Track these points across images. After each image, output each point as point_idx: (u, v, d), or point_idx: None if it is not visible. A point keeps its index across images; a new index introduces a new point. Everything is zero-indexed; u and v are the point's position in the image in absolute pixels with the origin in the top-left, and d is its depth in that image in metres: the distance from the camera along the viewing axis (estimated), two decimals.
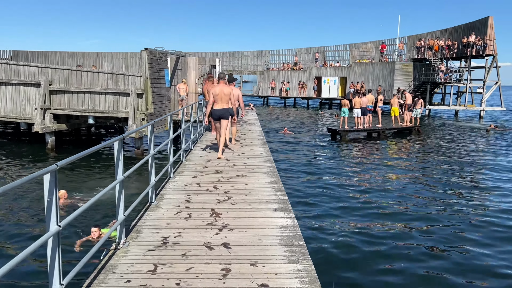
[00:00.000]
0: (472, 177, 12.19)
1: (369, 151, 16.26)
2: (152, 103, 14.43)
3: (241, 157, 8.50)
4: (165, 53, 15.85)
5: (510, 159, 15.07)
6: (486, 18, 30.79)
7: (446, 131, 23.05)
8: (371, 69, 37.76)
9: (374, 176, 11.83)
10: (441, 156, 15.42)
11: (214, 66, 18.31)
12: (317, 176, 11.60)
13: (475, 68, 32.94)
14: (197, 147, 9.65)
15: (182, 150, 7.84)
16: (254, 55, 48.77)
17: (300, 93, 42.88)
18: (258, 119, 17.45)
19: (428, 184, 11.12)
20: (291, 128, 21.89)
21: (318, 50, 45.73)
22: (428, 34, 37.06)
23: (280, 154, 14.37)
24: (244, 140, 10.94)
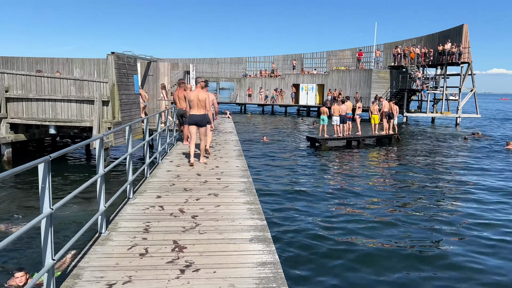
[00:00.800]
0: (450, 185, 11.69)
1: (349, 161, 15.65)
2: (119, 111, 13.39)
3: (214, 171, 7.63)
4: (135, 58, 14.85)
5: (490, 166, 14.75)
6: (461, 26, 31.07)
7: (425, 139, 22.79)
8: (348, 77, 37.59)
9: (355, 188, 11.15)
10: (421, 164, 14.96)
11: (188, 72, 17.40)
12: (296, 190, 10.81)
13: (450, 76, 33.16)
14: (165, 160, 8.72)
15: (146, 164, 6.90)
16: (231, 62, 48.05)
17: (277, 100, 42.32)
18: (234, 127, 16.63)
19: (409, 192, 10.53)
20: (271, 137, 21.12)
21: (295, 57, 45.42)
22: (404, 42, 37.24)
23: (258, 166, 13.53)
24: (219, 151, 10.07)
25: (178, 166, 8.02)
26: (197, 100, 8.12)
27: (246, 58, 47.62)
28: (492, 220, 8.61)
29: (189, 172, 7.47)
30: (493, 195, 10.80)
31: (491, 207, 9.63)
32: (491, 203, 9.97)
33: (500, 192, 11.17)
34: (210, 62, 48.70)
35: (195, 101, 8.13)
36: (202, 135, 8.36)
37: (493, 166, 14.84)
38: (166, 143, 9.58)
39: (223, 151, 10.13)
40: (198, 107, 8.14)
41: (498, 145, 20.29)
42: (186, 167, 7.97)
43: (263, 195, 9.87)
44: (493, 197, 10.50)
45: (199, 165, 8.19)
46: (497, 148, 19.24)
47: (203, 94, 8.19)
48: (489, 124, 35.04)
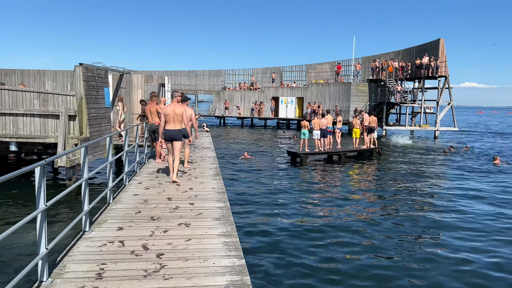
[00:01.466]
0: (431, 198, 11.25)
1: (331, 176, 15.10)
2: (88, 126, 12.48)
3: (187, 194, 6.86)
4: (105, 69, 14.00)
5: (471, 181, 14.47)
6: (438, 40, 31.42)
7: (405, 152, 22.56)
8: (327, 90, 37.49)
9: (341, 209, 10.55)
10: (402, 178, 14.55)
11: (163, 85, 16.62)
12: (277, 212, 10.13)
13: (428, 89, 33.40)
14: (133, 181, 7.90)
15: (109, 189, 6.09)
16: (210, 74, 47.45)
17: (256, 113, 41.83)
18: (212, 142, 15.88)
19: (393, 208, 10.01)
20: (252, 152, 20.39)
21: (274, 71, 45.20)
22: (382, 56, 37.49)
23: (236, 186, 12.70)
24: (194, 170, 9.31)
25: (147, 189, 7.22)
26: (173, 114, 7.79)
27: (225, 70, 47.12)
28: (477, 240, 8.14)
29: (159, 196, 6.68)
30: (481, 214, 10.39)
31: (476, 225, 9.17)
32: (476, 220, 9.53)
33: (488, 211, 10.78)
34: (189, 74, 47.95)
35: (171, 115, 7.79)
36: (175, 151, 7.88)
37: (481, 183, 14.55)
38: (136, 161, 8.76)
39: (198, 169, 9.37)
40: (175, 121, 7.83)
41: (485, 159, 20.14)
42: (156, 189, 7.19)
43: (242, 218, 9.16)
44: (480, 215, 10.07)
45: (171, 187, 7.41)
46: (483, 163, 19.02)
47: (179, 108, 7.90)
48: (469, 136, 35.37)
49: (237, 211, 9.47)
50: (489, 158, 20.56)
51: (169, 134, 7.89)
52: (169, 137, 7.91)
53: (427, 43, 32.87)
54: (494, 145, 28.10)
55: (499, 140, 33.05)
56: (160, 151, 10.36)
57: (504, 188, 13.41)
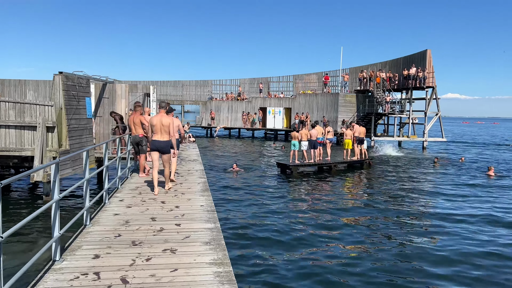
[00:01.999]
0: (427, 216, 10.84)
1: (322, 189, 14.62)
2: (67, 138, 11.79)
3: (173, 213, 6.27)
4: (87, 78, 13.36)
5: (461, 191, 14.20)
6: (425, 51, 31.54)
7: (395, 164, 22.28)
8: (315, 100, 37.28)
9: (334, 227, 10.05)
10: (395, 193, 14.15)
11: (148, 95, 16.01)
12: (271, 235, 9.58)
13: (416, 100, 33.44)
14: (114, 198, 7.26)
15: (85, 209, 5.47)
16: (197, 84, 46.94)
17: (244, 124, 41.35)
18: (199, 154, 15.28)
19: (387, 223, 9.55)
20: (241, 164, 19.72)
21: (262, 81, 44.91)
22: (370, 66, 37.52)
23: (226, 202, 11.94)
24: (181, 185, 8.70)
25: (129, 207, 6.59)
26: (160, 125, 7.66)
27: (212, 81, 46.67)
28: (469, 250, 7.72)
29: (142, 216, 6.07)
30: (474, 225, 10.01)
31: (472, 240, 8.77)
32: (471, 235, 9.13)
33: (483, 221, 10.41)
34: (175, 84, 47.35)
35: (158, 126, 7.67)
36: (165, 162, 7.82)
37: (476, 194, 14.24)
38: (117, 177, 8.12)
39: (185, 184, 8.77)
40: (162, 132, 7.69)
41: (479, 171, 19.80)
42: (139, 208, 6.57)
43: (234, 240, 8.58)
44: (473, 227, 9.68)
45: (155, 205, 6.80)
46: (477, 174, 18.72)
47: (166, 118, 7.74)
48: (459, 147, 35.39)
49: (229, 232, 8.87)
50: (484, 169, 20.27)
51: (156, 144, 7.73)
52: (156, 148, 7.73)
53: (414, 54, 32.99)
54: (485, 156, 28.09)
55: (489, 151, 33.12)
56: (144, 165, 9.74)
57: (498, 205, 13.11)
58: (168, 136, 7.75)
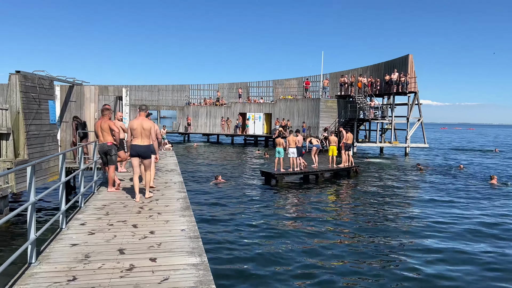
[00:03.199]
0: (420, 227, 9.93)
1: (311, 201, 13.55)
2: (26, 146, 10.30)
3: (147, 242, 5.02)
4: (50, 79, 11.90)
5: (454, 200, 13.40)
6: (406, 56, 31.19)
7: (382, 171, 21.51)
8: (296, 106, 36.43)
9: (330, 245, 8.97)
10: (385, 203, 13.25)
11: (120, 98, 14.59)
12: (269, 271, 8.40)
13: (397, 105, 33.04)
14: (75, 221, 5.93)
15: (30, 242, 4.15)
16: (173, 89, 45.42)
17: (223, 130, 40.09)
18: (177, 163, 13.97)
19: (380, 235, 8.56)
20: (224, 175, 18.15)
21: (241, 86, 43.81)
22: (350, 71, 37.02)
23: (211, 222, 10.30)
24: (157, 201, 7.43)
25: (91, 234, 5.30)
26: (141, 129, 7.40)
27: (189, 85, 45.26)
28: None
29: (107, 247, 4.80)
30: (480, 238, 9.13)
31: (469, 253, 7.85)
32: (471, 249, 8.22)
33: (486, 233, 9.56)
34: (150, 89, 45.68)
35: (139, 130, 7.39)
36: (147, 168, 7.60)
37: (486, 205, 13.47)
38: (80, 193, 6.78)
39: (162, 201, 7.50)
40: (142, 136, 7.43)
41: (479, 179, 18.94)
42: (105, 234, 5.29)
43: (223, 273, 7.35)
44: (479, 241, 8.80)
45: (125, 229, 5.53)
46: (479, 183, 17.81)
47: (147, 122, 7.51)
48: (443, 154, 35.12)
49: (218, 269, 7.56)
50: (485, 177, 19.49)
51: (137, 149, 7.42)
52: (136, 153, 7.44)
53: (396, 59, 32.63)
54: (475, 163, 27.78)
55: (478, 157, 32.93)
56: (114, 178, 8.42)
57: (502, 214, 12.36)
58: (149, 140, 7.48)
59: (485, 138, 73.66)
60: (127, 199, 7.51)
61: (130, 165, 12.46)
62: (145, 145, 7.44)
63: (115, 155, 8.45)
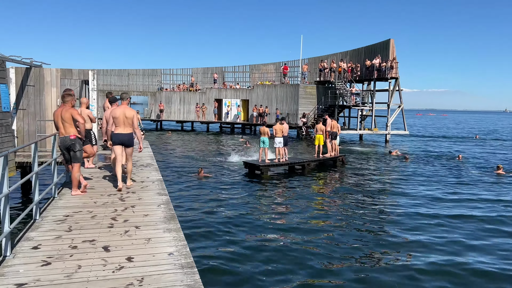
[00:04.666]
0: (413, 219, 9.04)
1: (299, 193, 12.46)
2: None
3: (123, 275, 3.69)
4: (2, 59, 10.11)
5: (441, 189, 12.65)
6: (388, 40, 30.41)
7: (367, 160, 20.71)
8: (274, 92, 35.21)
9: (328, 247, 7.89)
10: (373, 194, 12.35)
11: (86, 82, 12.88)
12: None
13: (377, 92, 32.34)
14: (24, 243, 4.48)
15: (5, 235, 2.74)
16: (144, 74, 43.16)
17: (198, 117, 38.43)
18: (153, 155, 12.49)
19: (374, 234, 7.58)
20: (206, 167, 16.39)
21: (216, 71, 42.07)
22: (329, 56, 36.01)
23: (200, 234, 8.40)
24: (133, 208, 6.06)
25: (46, 264, 3.90)
26: (123, 117, 7.34)
27: (161, 70, 43.11)
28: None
29: (68, 287, 3.44)
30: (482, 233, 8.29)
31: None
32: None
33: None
34: (119, 73, 43.24)
35: (121, 118, 7.34)
36: (129, 156, 7.53)
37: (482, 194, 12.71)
38: (34, 203, 5.32)
39: (140, 207, 6.13)
40: (125, 125, 7.38)
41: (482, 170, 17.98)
42: (65, 264, 3.91)
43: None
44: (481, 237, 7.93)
45: (94, 256, 4.16)
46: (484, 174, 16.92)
47: (130, 110, 7.49)
48: (423, 141, 34.81)
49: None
50: (483, 167, 18.76)
51: (120, 138, 7.35)
52: (120, 141, 7.36)
53: (376, 44, 31.81)
54: (464, 151, 27.47)
55: (462, 145, 32.75)
56: (79, 178, 6.95)
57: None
58: (131, 128, 7.44)
59: (459, 125, 74.92)
60: (96, 206, 6.10)
61: (100, 159, 10.96)
62: (128, 133, 7.38)
63: (80, 150, 6.97)
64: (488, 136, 43.15)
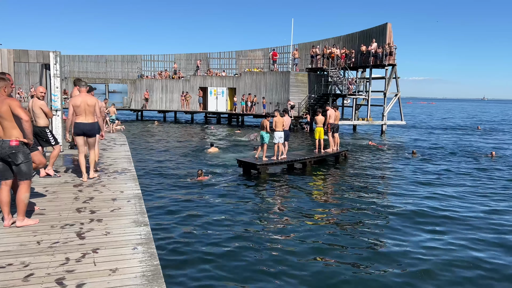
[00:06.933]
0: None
1: (302, 199, 10.51)
2: None
3: None
4: None
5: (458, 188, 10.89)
6: (385, 24, 28.55)
7: (370, 154, 18.90)
8: (263, 80, 33.06)
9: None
10: (382, 194, 10.49)
11: (47, 66, 10.49)
12: None
13: (373, 79, 30.55)
14: None
15: None
16: (123, 60, 40.34)
17: (183, 106, 36.03)
18: (130, 155, 10.25)
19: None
20: (212, 171, 13.55)
21: (200, 57, 39.57)
22: (321, 42, 33.96)
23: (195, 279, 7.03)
24: (95, 255, 3.96)
25: None
26: (85, 106, 7.03)
27: (142, 56, 40.36)
28: None
29: None
30: None
31: None
32: None
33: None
34: (97, 59, 40.31)
35: (83, 107, 7.03)
36: (92, 146, 7.24)
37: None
38: None
39: (104, 250, 4.03)
40: (87, 114, 7.09)
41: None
42: None
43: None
44: None
45: None
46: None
47: (91, 98, 7.17)
48: (422, 132, 33.18)
49: None
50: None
51: (82, 128, 7.08)
52: (82, 131, 7.09)
53: (372, 28, 29.90)
54: (477, 145, 25.92)
55: (472, 137, 30.92)
56: (25, 203, 4.77)
57: None
58: (93, 117, 7.21)
59: (451, 114, 73.96)
60: (39, 251, 3.97)
61: (65, 162, 8.71)
62: (90, 122, 7.14)
63: (27, 162, 4.80)
64: (488, 126, 39.90)
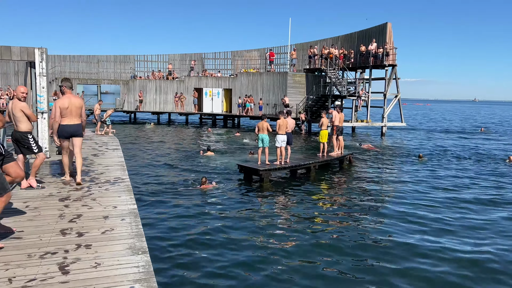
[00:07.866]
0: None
1: (308, 210, 9.72)
2: None
3: None
4: None
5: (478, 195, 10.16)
6: (385, 24, 27.91)
7: (376, 159, 18.17)
8: (259, 81, 32.25)
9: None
10: (393, 203, 9.73)
11: (32, 64, 9.57)
12: None
13: (372, 80, 29.89)
14: None
15: None
16: (116, 60, 39.32)
17: (177, 107, 35.11)
18: (124, 165, 9.31)
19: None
20: (211, 178, 12.59)
21: (195, 58, 38.67)
22: (319, 42, 33.26)
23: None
24: None
25: None
26: (71, 107, 6.86)
27: (135, 56, 39.38)
28: None
29: None
30: None
31: None
32: None
33: None
34: (88, 60, 39.26)
35: (70, 108, 6.86)
36: (77, 148, 7.00)
37: None
38: None
39: None
40: (73, 115, 6.91)
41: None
42: None
43: None
44: None
45: None
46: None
47: (77, 99, 7.07)
48: (431, 136, 32.44)
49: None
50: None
51: (68, 130, 6.88)
52: (68, 134, 6.90)
53: (371, 28, 29.23)
54: (490, 148, 25.29)
55: (478, 140, 30.24)
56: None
57: None
58: (79, 119, 7.00)
59: (450, 115, 73.61)
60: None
61: (52, 171, 7.77)
62: (76, 124, 6.99)
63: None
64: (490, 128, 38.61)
